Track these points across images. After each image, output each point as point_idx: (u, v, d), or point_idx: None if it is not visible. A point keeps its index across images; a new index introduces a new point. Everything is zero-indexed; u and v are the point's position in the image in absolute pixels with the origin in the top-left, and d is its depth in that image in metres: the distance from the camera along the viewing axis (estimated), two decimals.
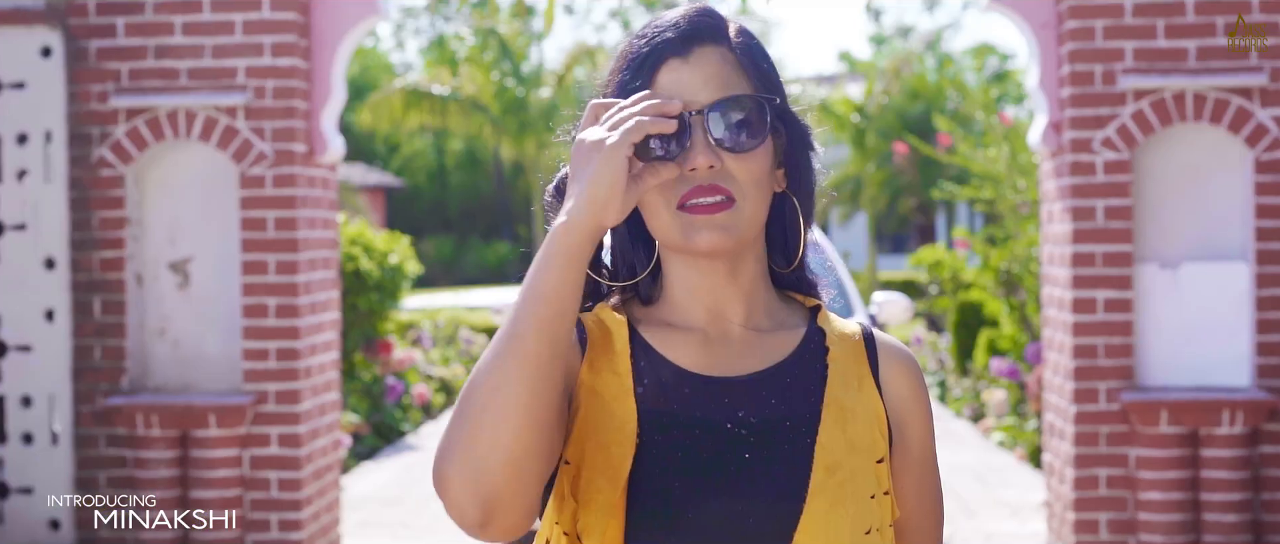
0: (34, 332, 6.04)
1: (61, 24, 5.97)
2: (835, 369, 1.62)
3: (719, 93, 1.55)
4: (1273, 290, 5.71)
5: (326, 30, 6.07)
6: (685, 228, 1.55)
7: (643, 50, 1.58)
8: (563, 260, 1.43)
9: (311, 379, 6.11)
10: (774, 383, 1.59)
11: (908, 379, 1.66)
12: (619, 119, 1.45)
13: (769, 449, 1.55)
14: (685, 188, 1.54)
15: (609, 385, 1.56)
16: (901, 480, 1.64)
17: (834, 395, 1.59)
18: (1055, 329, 6.15)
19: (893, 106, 24.47)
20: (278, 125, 5.90)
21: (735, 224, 1.55)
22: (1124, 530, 5.79)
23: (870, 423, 1.60)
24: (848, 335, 1.66)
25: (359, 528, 7.55)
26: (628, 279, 1.66)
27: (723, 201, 1.54)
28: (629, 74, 1.59)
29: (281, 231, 5.91)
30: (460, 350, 14.50)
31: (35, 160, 6.03)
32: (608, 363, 1.58)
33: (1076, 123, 5.78)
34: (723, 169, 1.54)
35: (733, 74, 1.57)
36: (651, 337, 1.61)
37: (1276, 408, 5.68)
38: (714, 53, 1.58)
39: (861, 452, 1.58)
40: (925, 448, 1.67)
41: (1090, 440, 5.80)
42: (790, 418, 1.57)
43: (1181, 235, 5.86)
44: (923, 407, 1.67)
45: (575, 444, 1.54)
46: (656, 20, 1.61)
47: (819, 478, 1.54)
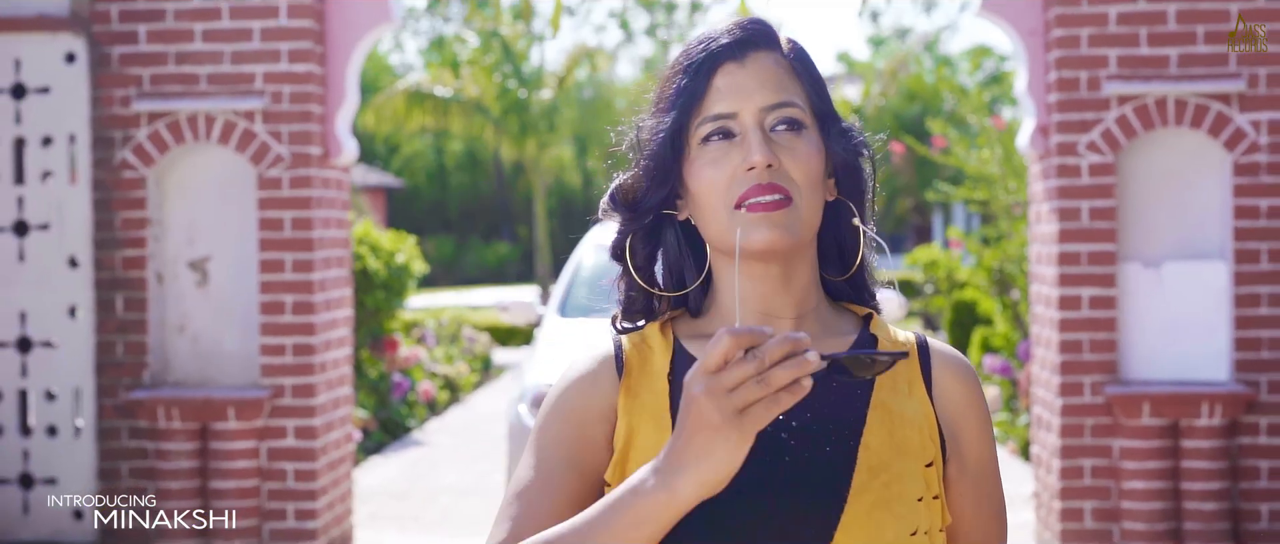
0: (58, 328, 6.27)
1: (85, 31, 6.19)
2: (884, 374, 1.60)
3: (774, 95, 1.58)
4: (1250, 288, 5.94)
5: (340, 37, 6.30)
6: (744, 226, 1.55)
7: (699, 56, 1.60)
8: (653, 531, 1.37)
9: (326, 373, 6.34)
10: (819, 388, 1.53)
11: (962, 387, 1.64)
12: (747, 398, 1.30)
13: (811, 451, 1.55)
14: (742, 188, 1.55)
15: (648, 406, 1.58)
16: (956, 488, 1.62)
17: (881, 399, 1.59)
18: (1042, 326, 6.38)
19: (889, 108, 24.68)
20: (294, 129, 6.13)
21: (793, 222, 1.56)
22: (1108, 518, 6.02)
23: (919, 428, 1.59)
24: (900, 344, 1.65)
25: (369, 519, 7.78)
26: (677, 291, 1.66)
27: (781, 200, 1.55)
28: (686, 77, 1.60)
29: (298, 231, 6.14)
30: (463, 348, 14.72)
31: (60, 162, 6.25)
32: (647, 384, 1.60)
33: (1063, 127, 6.01)
34: (780, 168, 1.56)
35: (787, 78, 1.60)
36: (700, 351, 1.61)
37: (1253, 401, 5.91)
38: (768, 58, 1.60)
39: (909, 455, 1.57)
40: (982, 457, 1.64)
41: (1076, 432, 6.03)
42: (834, 421, 1.57)
43: (1163, 235, 6.09)
44: (978, 414, 1.64)
45: (617, 466, 1.57)
46: (709, 31, 1.63)
47: (861, 479, 1.54)
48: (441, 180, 40.78)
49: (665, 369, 1.60)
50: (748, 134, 1.57)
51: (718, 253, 1.63)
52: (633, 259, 1.66)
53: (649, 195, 1.63)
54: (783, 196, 1.55)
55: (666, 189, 1.61)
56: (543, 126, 24.35)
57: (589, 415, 1.60)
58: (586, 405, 1.60)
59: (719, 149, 1.57)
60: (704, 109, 1.59)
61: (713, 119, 1.58)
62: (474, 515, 7.99)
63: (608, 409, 1.59)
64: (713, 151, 1.58)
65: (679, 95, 1.59)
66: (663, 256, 1.67)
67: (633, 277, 1.66)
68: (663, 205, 1.63)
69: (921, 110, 24.03)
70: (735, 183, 1.56)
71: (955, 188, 12.08)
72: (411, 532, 7.65)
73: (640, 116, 1.66)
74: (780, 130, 1.58)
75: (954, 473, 1.62)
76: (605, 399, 1.60)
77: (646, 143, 1.63)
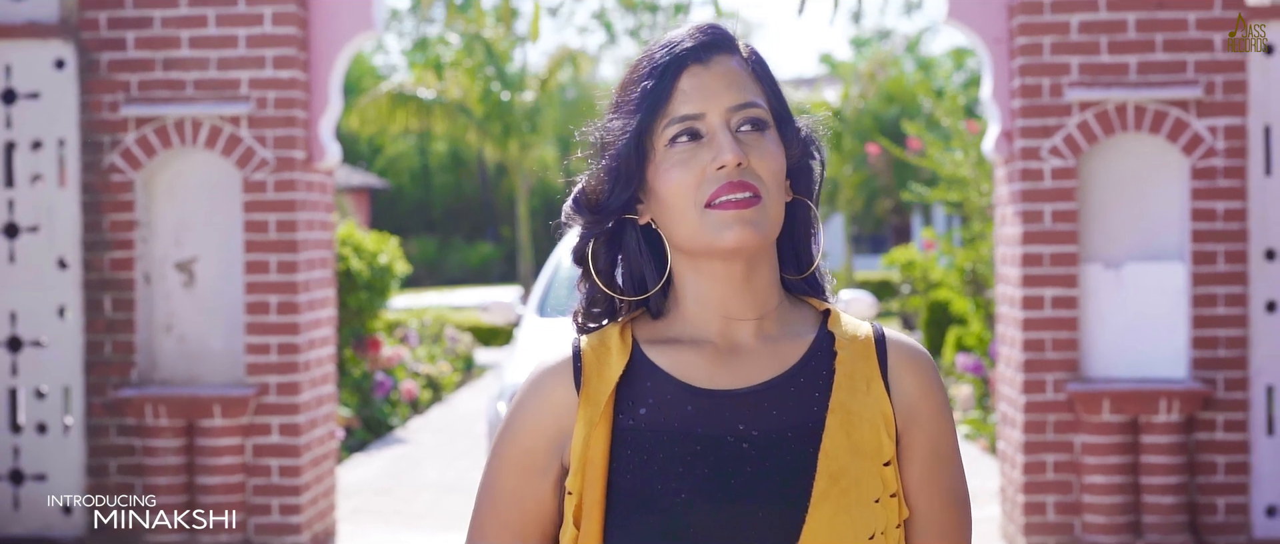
0: (48, 328, 6.42)
1: (74, 38, 6.34)
2: (842, 373, 1.62)
3: (740, 96, 1.60)
4: (1207, 288, 6.13)
5: (324, 44, 6.46)
6: (715, 225, 1.57)
7: (662, 59, 1.61)
8: None
9: (310, 372, 6.49)
10: (778, 393, 1.61)
11: (918, 376, 1.65)
12: None
13: (772, 460, 1.57)
14: (713, 187, 1.57)
15: (599, 408, 1.61)
16: (910, 477, 1.63)
17: (840, 401, 1.60)
18: (1007, 325, 6.57)
19: (869, 110, 24.88)
20: (278, 133, 6.28)
21: (763, 220, 1.58)
22: (1069, 512, 6.21)
23: (876, 425, 1.60)
24: (858, 337, 1.66)
25: (352, 514, 7.93)
26: (638, 294, 1.68)
27: (751, 198, 1.57)
28: (652, 79, 1.61)
29: (282, 233, 6.30)
30: (446, 348, 14.87)
31: (49, 166, 6.40)
32: (602, 388, 1.62)
33: (1026, 132, 6.19)
34: (748, 166, 1.58)
35: (748, 80, 1.63)
36: (658, 355, 1.64)
37: (1210, 397, 6.10)
38: (731, 61, 1.63)
39: (867, 456, 1.58)
40: (938, 444, 1.64)
41: (1038, 428, 6.22)
42: (793, 428, 1.58)
43: (1123, 237, 6.28)
44: (934, 402, 1.65)
45: (577, 474, 1.60)
46: (670, 36, 1.65)
47: (822, 486, 1.55)
48: (425, 181, 40.88)
49: (618, 373, 1.62)
50: (716, 134, 1.58)
51: (681, 255, 1.64)
52: (595, 262, 1.68)
53: (613, 197, 1.63)
54: (752, 194, 1.56)
55: (630, 191, 1.62)
56: (526, 128, 24.49)
57: (540, 444, 1.65)
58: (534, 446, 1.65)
59: (687, 150, 1.59)
60: (670, 111, 1.60)
61: (680, 120, 1.59)
62: (456, 511, 8.15)
63: (561, 434, 1.64)
64: (680, 153, 1.59)
65: (645, 97, 1.60)
66: (623, 260, 1.68)
67: (594, 281, 1.68)
68: (625, 208, 1.64)
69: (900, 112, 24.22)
70: (706, 182, 1.57)
71: (931, 189, 12.27)
72: (395, 526, 7.81)
73: (597, 121, 1.67)
74: (745, 131, 1.60)
75: (906, 461, 1.62)
76: (559, 423, 1.64)
77: (610, 145, 1.63)
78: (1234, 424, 6.13)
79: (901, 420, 1.63)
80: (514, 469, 1.65)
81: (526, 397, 1.67)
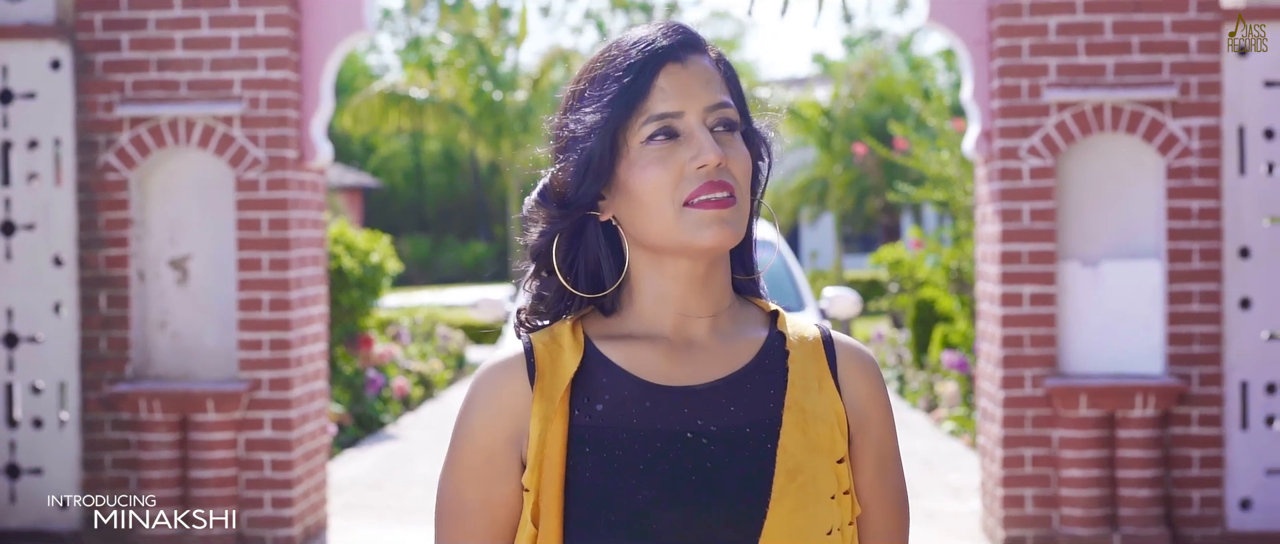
0: (44, 324, 6.52)
1: (70, 39, 6.44)
2: (795, 371, 1.63)
3: (716, 96, 1.60)
4: (1183, 286, 6.25)
5: (316, 45, 6.57)
6: (694, 224, 1.57)
7: (638, 56, 1.60)
8: None
9: (302, 368, 6.60)
10: (734, 390, 1.61)
11: (866, 379, 1.67)
12: None
13: (730, 456, 1.57)
14: (693, 186, 1.57)
15: (554, 403, 1.60)
16: (861, 477, 1.65)
17: (794, 398, 1.61)
18: (986, 322, 6.68)
19: (859, 109, 25.00)
20: (271, 133, 6.39)
21: (738, 220, 1.58)
22: (1047, 505, 6.33)
23: (830, 423, 1.62)
24: (807, 338, 1.67)
25: (344, 508, 8.03)
26: (596, 291, 1.67)
27: (728, 198, 1.57)
28: (629, 76, 1.59)
29: (274, 231, 6.40)
30: (438, 346, 14.98)
31: (45, 165, 6.51)
32: (557, 385, 1.61)
33: (1005, 132, 6.31)
34: (725, 166, 1.58)
35: (720, 81, 1.63)
36: (613, 351, 1.63)
37: (1185, 393, 6.22)
38: (704, 61, 1.62)
39: (822, 453, 1.60)
40: (884, 445, 1.67)
41: (1017, 423, 6.34)
42: (750, 424, 1.59)
43: (1101, 235, 6.40)
44: (881, 405, 1.67)
45: (533, 471, 1.58)
46: (641, 33, 1.63)
47: (781, 483, 1.56)
48: (418, 180, 40.96)
49: (573, 368, 1.61)
50: (695, 133, 1.57)
51: (642, 251, 1.63)
52: (557, 257, 1.66)
53: (581, 191, 1.61)
54: (729, 194, 1.57)
55: (599, 186, 1.61)
56: (518, 127, 24.59)
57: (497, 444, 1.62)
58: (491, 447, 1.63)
59: (664, 148, 1.58)
60: (647, 108, 1.58)
61: (657, 118, 1.58)
62: None
63: (518, 431, 1.61)
64: (656, 150, 1.58)
65: (621, 93, 1.58)
66: (582, 256, 1.67)
67: (555, 275, 1.67)
68: (591, 204, 1.63)
69: (890, 112, 24.34)
70: (685, 181, 1.56)
71: (917, 189, 12.40)
72: (386, 520, 7.91)
73: (563, 115, 1.65)
74: (720, 131, 1.60)
75: (858, 461, 1.65)
76: (515, 420, 1.61)
77: (581, 139, 1.61)
78: (1209, 419, 6.25)
79: (853, 420, 1.65)
80: (476, 478, 1.62)
81: (478, 396, 1.64)
